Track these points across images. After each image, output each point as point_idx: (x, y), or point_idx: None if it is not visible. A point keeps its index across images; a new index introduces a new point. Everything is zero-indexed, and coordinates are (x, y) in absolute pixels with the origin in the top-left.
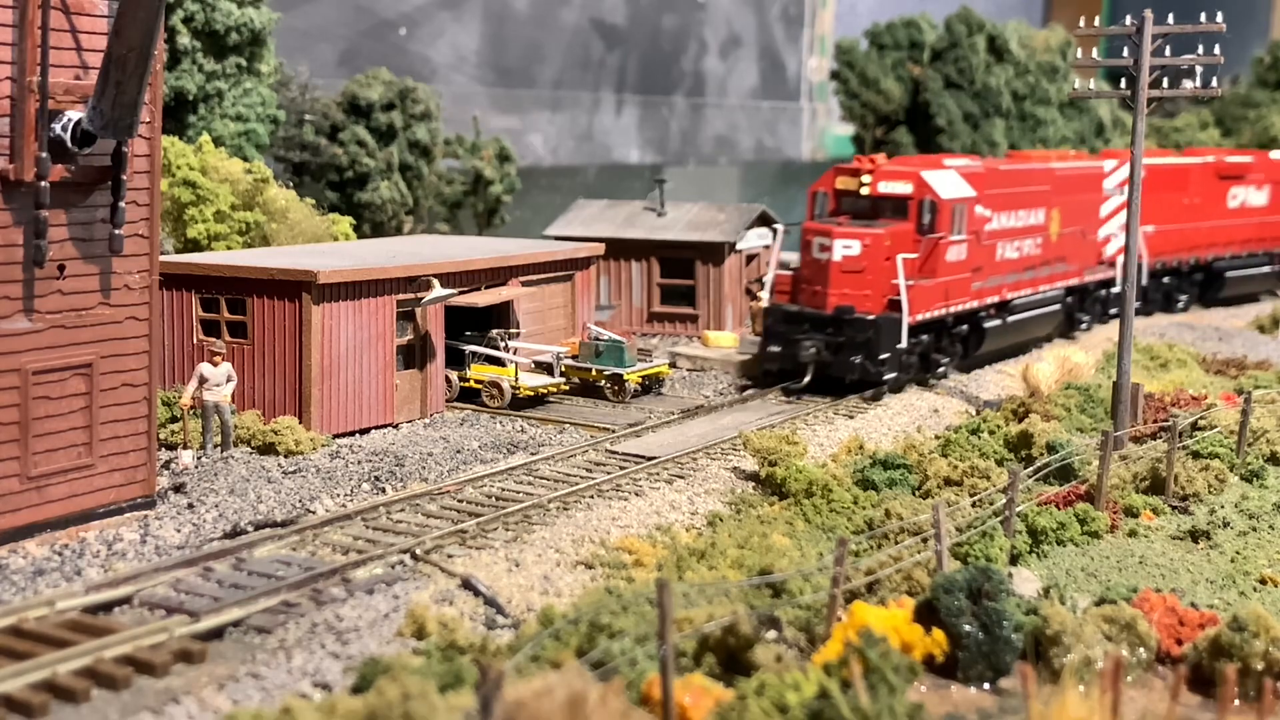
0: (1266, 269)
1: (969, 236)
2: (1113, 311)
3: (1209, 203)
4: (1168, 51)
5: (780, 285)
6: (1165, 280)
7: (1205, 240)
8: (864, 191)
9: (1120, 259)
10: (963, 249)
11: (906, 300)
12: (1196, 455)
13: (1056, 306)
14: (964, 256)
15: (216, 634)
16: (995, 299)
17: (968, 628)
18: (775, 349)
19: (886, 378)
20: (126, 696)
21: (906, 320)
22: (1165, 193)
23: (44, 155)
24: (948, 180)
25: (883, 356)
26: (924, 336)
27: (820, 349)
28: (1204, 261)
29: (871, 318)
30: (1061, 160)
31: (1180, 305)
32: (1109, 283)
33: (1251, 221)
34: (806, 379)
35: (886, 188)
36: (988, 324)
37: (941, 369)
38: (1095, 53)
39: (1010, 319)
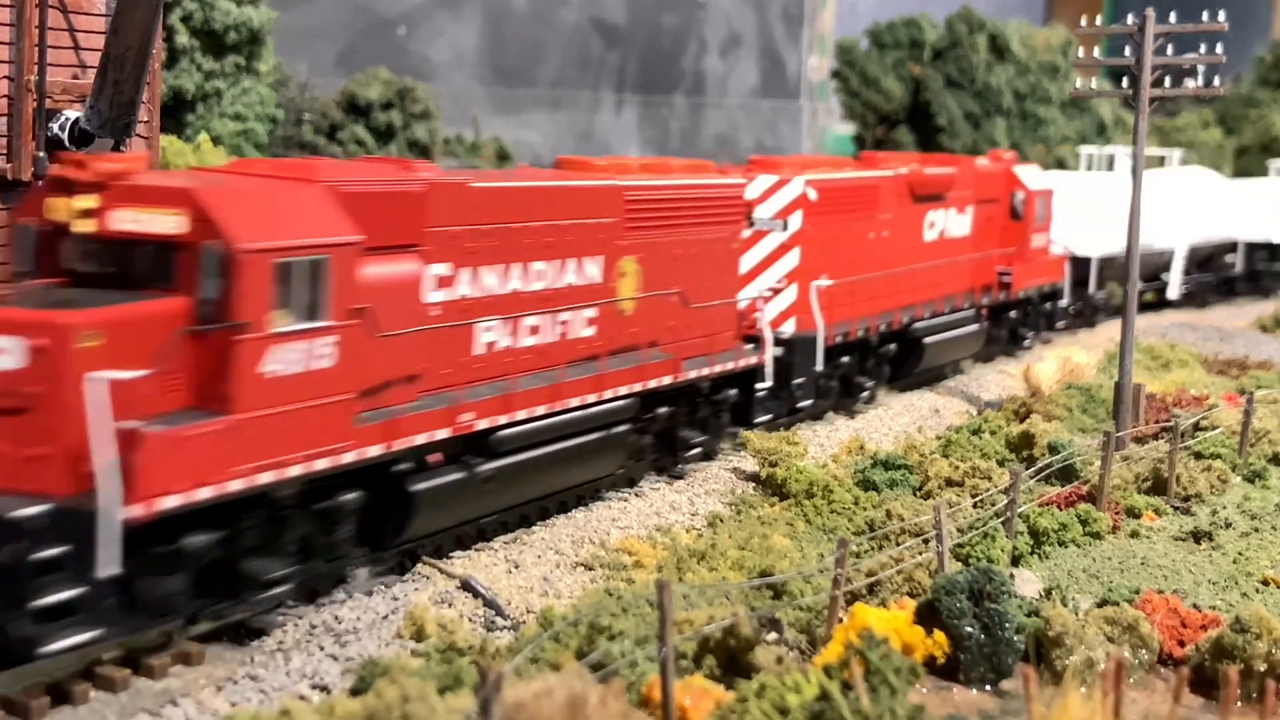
0: (973, 327)
1: (345, 323)
2: (761, 419)
3: (903, 236)
4: (1169, 50)
5: None
6: (845, 359)
7: (901, 293)
8: (84, 229)
9: (769, 332)
10: (324, 350)
11: (118, 469)
12: (1198, 456)
13: (621, 429)
14: (331, 361)
15: (215, 635)
16: (444, 434)
17: (969, 629)
18: None
19: (58, 647)
20: (124, 698)
21: (115, 514)
22: (844, 223)
23: (41, 155)
24: (278, 211)
25: (53, 601)
26: (203, 537)
27: None
28: (898, 325)
29: (38, 511)
30: (653, 175)
31: (865, 396)
32: (751, 377)
33: (956, 260)
34: None
35: (129, 221)
36: (420, 485)
37: (273, 602)
38: (1097, 52)
39: (490, 468)
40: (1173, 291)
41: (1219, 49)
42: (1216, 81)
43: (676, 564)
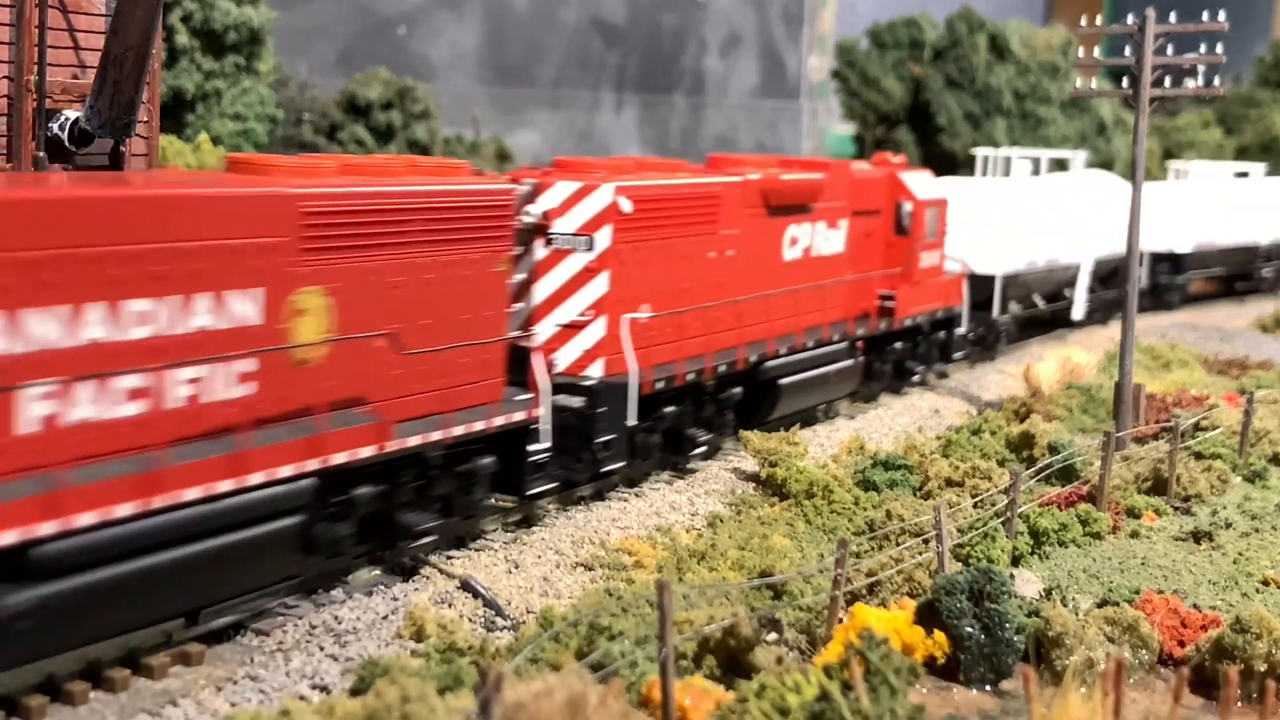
0: (847, 363)
1: None
2: (541, 488)
3: (754, 255)
4: (1169, 50)
5: None
6: (671, 409)
7: (750, 325)
8: None
9: (544, 379)
10: None
11: None
12: (1199, 456)
13: (285, 522)
14: None
15: (214, 635)
16: None
17: (969, 629)
18: None
19: None
20: (124, 698)
21: None
22: (671, 241)
23: (41, 155)
24: None
25: None
26: None
27: None
28: (742, 365)
29: None
30: (352, 181)
31: (699, 450)
32: (524, 434)
33: (826, 283)
34: None
35: None
36: None
37: None
38: (1097, 52)
39: (25, 599)
40: (1077, 311)
41: (1219, 49)
42: (1216, 81)
43: (676, 564)
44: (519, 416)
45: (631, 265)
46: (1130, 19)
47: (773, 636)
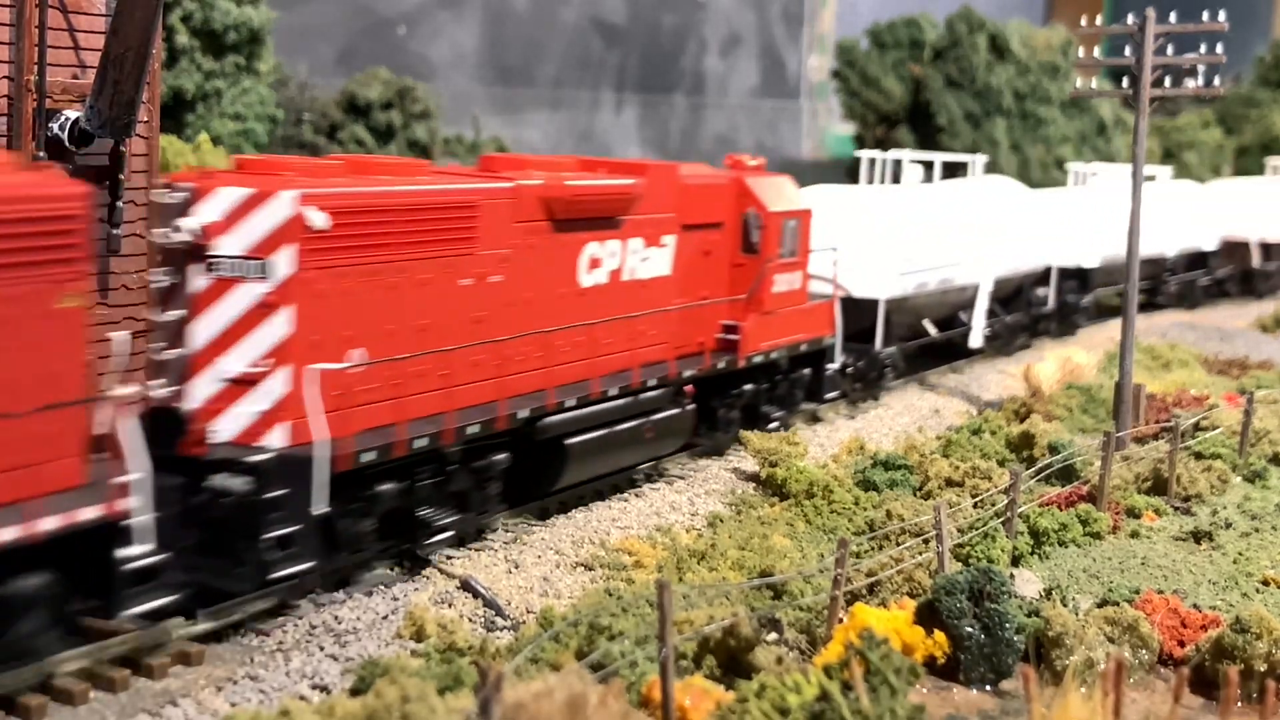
0: (670, 411)
1: None
2: (141, 608)
3: (532, 282)
4: (1170, 50)
5: None
6: (389, 486)
7: (521, 372)
8: None
9: (138, 455)
10: None
11: None
12: (1199, 456)
13: None
14: None
15: (214, 636)
16: None
17: (969, 629)
18: None
19: None
20: (124, 698)
21: None
22: (397, 265)
23: (41, 155)
24: None
25: None
26: None
27: None
28: (506, 423)
29: None
30: None
31: (441, 537)
32: (112, 535)
33: (641, 315)
34: None
35: None
36: None
37: None
38: (1097, 51)
39: None
40: (975, 339)
41: (1219, 49)
42: (1216, 81)
43: (676, 564)
44: (90, 513)
45: (331, 298)
46: (1130, 19)
47: (773, 636)
